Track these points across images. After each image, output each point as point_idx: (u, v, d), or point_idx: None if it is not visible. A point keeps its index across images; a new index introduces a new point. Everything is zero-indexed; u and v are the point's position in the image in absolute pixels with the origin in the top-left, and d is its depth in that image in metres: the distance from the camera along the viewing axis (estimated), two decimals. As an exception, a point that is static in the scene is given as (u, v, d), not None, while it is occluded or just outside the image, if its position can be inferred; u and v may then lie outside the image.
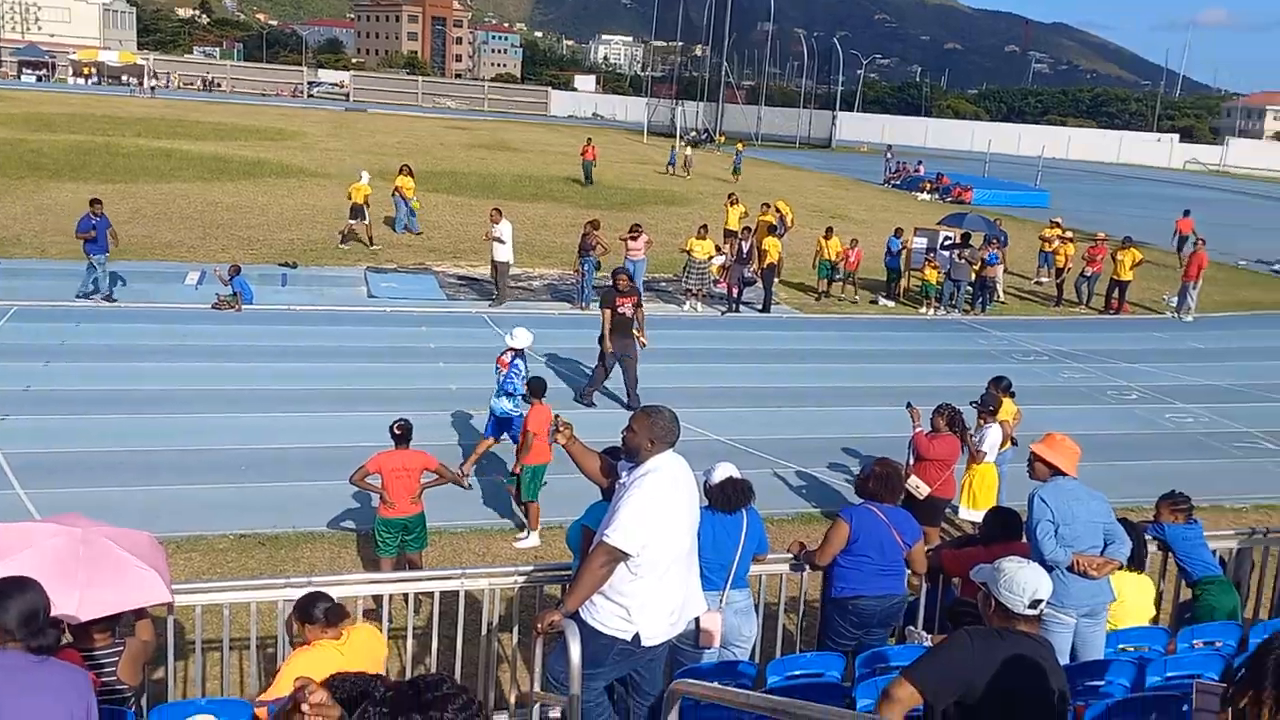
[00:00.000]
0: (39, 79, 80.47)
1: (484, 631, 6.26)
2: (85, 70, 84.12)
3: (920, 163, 53.95)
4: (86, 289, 17.07)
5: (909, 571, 6.35)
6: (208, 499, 10.06)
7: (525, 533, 9.75)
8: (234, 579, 7.60)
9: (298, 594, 5.53)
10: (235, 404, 12.75)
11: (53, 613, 3.86)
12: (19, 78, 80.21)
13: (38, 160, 32.19)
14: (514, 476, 9.61)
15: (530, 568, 6.43)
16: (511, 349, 11.03)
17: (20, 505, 9.49)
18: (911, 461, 9.47)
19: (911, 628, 6.49)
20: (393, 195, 25.29)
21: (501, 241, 18.76)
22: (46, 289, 17.34)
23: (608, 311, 13.56)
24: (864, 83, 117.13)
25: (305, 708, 2.35)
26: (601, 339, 13.68)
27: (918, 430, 9.59)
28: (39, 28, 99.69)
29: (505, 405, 10.86)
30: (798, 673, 5.33)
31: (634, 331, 13.81)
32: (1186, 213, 29.97)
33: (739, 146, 51.72)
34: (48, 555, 4.44)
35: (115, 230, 17.41)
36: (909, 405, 9.98)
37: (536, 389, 9.70)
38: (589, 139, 40.84)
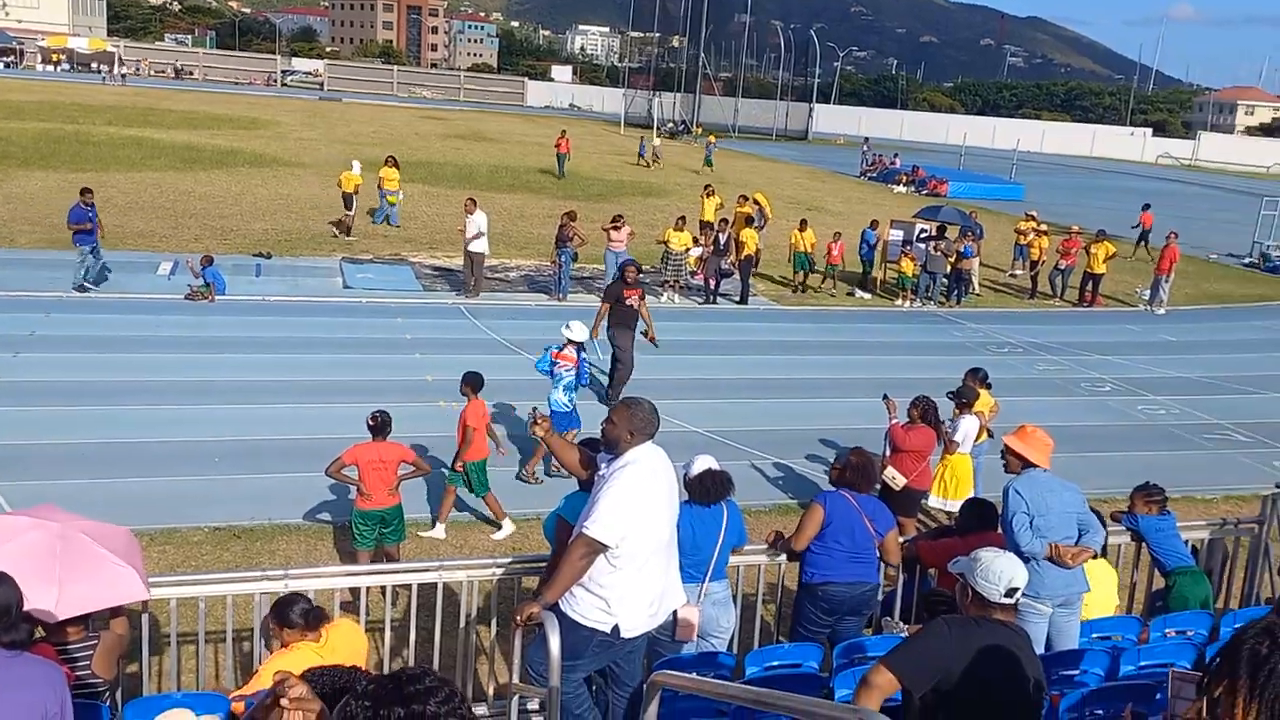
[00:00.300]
0: (7, 66, 79.37)
1: (462, 624, 6.25)
2: (54, 57, 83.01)
3: (896, 155, 54.19)
4: (92, 277, 17.05)
5: (882, 561, 6.38)
6: (181, 491, 9.97)
7: (498, 527, 9.69)
8: (209, 572, 7.53)
9: (274, 587, 5.51)
10: (209, 395, 12.64)
11: (31, 609, 3.82)
12: (-14, 64, 79.14)
13: (6, 149, 31.76)
14: (457, 474, 9.43)
15: (508, 559, 6.42)
16: (572, 342, 10.89)
17: (-10, 498, 9.37)
18: (888, 453, 9.51)
19: (888, 618, 6.53)
20: (378, 187, 25.09)
21: (482, 234, 18.70)
22: (15, 279, 17.10)
23: (608, 305, 13.24)
24: (840, 75, 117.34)
25: (285, 702, 2.34)
26: (622, 328, 13.25)
27: (894, 422, 9.64)
28: (6, 13, 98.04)
29: (560, 400, 10.75)
30: (776, 663, 5.35)
31: (640, 329, 13.48)
32: (1147, 207, 30.44)
33: (710, 139, 51.70)
34: (25, 551, 4.38)
35: (101, 221, 17.32)
36: (885, 397, 10.03)
37: (474, 383, 9.46)
38: (563, 131, 40.74)
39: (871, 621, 6.58)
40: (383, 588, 7.16)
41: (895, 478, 9.21)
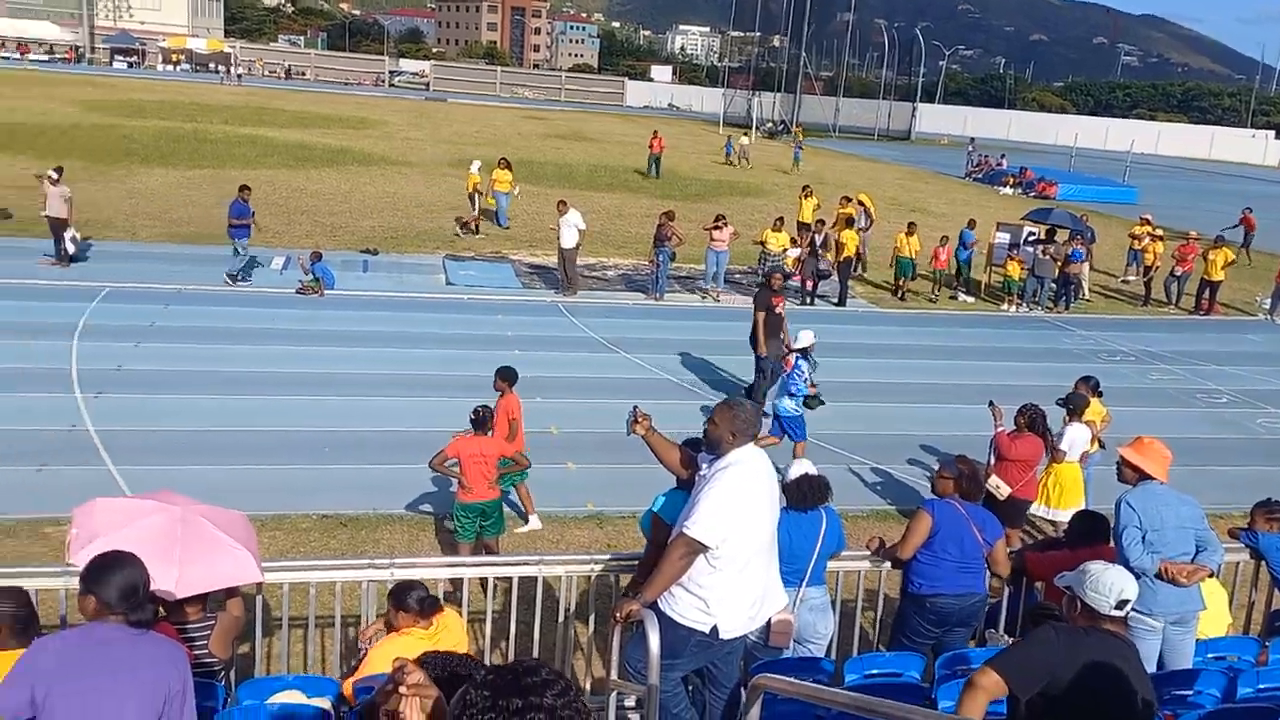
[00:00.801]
0: (130, 65, 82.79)
1: (560, 618, 6.31)
2: (174, 57, 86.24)
3: (1003, 156, 52.93)
4: (235, 271, 17.82)
5: (989, 572, 6.24)
6: (290, 479, 10.29)
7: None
8: (319, 558, 7.77)
9: (381, 575, 5.65)
10: (317, 387, 13.01)
11: (153, 589, 3.96)
12: (111, 64, 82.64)
13: (129, 146, 33.18)
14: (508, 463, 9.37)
15: (606, 556, 6.46)
16: (796, 350, 11.04)
17: (111, 481, 9.81)
18: (993, 461, 9.31)
19: (992, 630, 6.38)
20: (491, 187, 25.50)
21: (581, 228, 18.95)
22: (137, 271, 17.88)
23: (763, 314, 13.12)
24: (946, 74, 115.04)
25: (403, 689, 2.39)
26: (754, 341, 13.20)
27: (999, 430, 9.42)
28: (130, 15, 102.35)
29: (787, 405, 10.99)
30: (876, 672, 5.28)
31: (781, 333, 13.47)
32: (1248, 209, 29.48)
33: (799, 137, 51.10)
34: (148, 532, 4.57)
35: (257, 216, 18.41)
36: (991, 404, 9.81)
37: (509, 377, 9.45)
38: (655, 131, 40.85)
39: (975, 634, 6.44)
40: (483, 580, 7.29)
41: (1000, 487, 9.00)
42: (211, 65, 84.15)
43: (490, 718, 2.04)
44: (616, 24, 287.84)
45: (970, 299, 21.79)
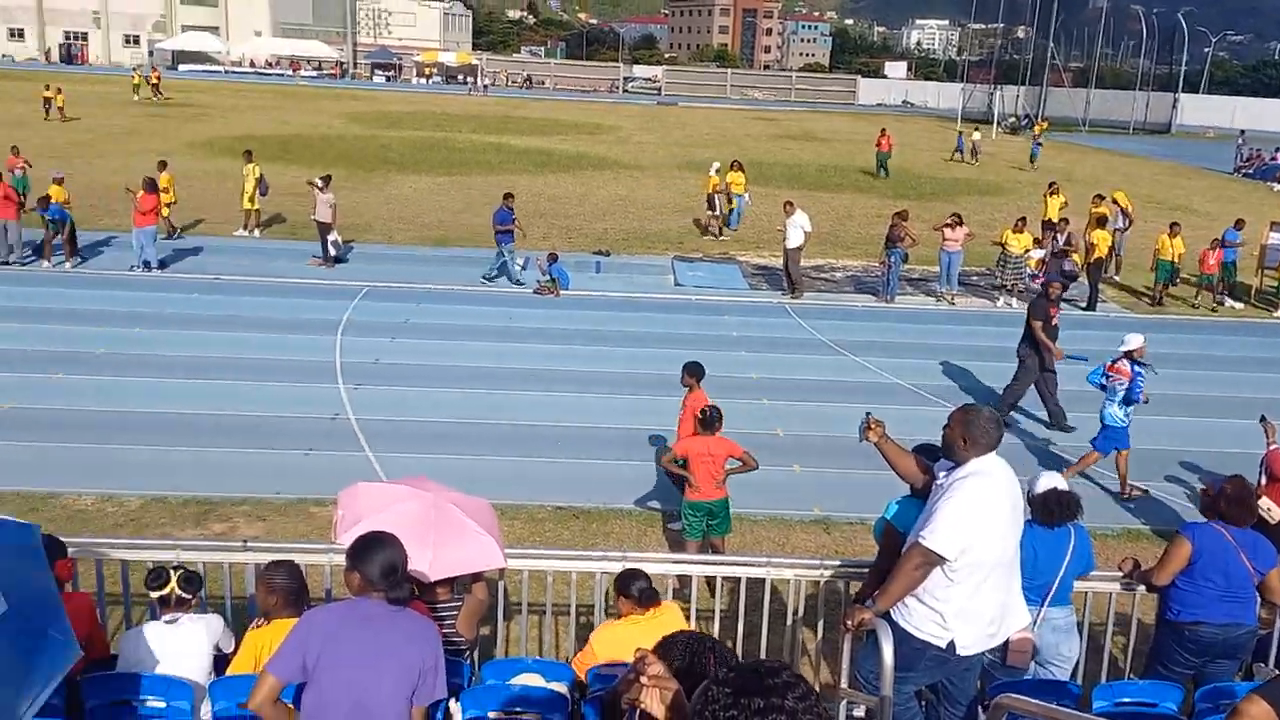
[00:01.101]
0: (387, 79, 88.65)
1: (788, 621, 6.28)
2: (427, 71, 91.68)
3: (1277, 150, 48.34)
4: (491, 273, 18.89)
5: (1268, 601, 5.73)
6: (527, 471, 10.72)
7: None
8: (555, 548, 8.07)
9: (613, 567, 5.81)
10: (553, 383, 13.50)
11: (409, 570, 4.24)
12: (371, 78, 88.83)
13: (386, 155, 35.55)
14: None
15: (836, 562, 6.38)
16: (1126, 353, 10.66)
17: (369, 466, 10.54)
18: (1264, 482, 8.53)
19: (1261, 664, 5.87)
20: (726, 190, 25.73)
21: (807, 230, 18.77)
22: (393, 271, 19.14)
23: (1039, 323, 12.70)
24: (1211, 62, 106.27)
25: (644, 679, 2.45)
26: (1038, 347, 12.69)
27: (1273, 448, 8.63)
28: (389, 32, 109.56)
29: (1116, 414, 10.50)
30: (1128, 700, 4.95)
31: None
32: None
33: (1039, 132, 48.32)
34: (405, 517, 4.89)
35: (520, 221, 19.23)
36: (1262, 419, 9.01)
37: (697, 373, 9.30)
38: (883, 129, 39.83)
39: (1242, 667, 5.94)
40: (710, 579, 7.35)
41: (1271, 510, 8.22)
42: (460, 77, 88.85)
43: (732, 715, 2.06)
44: (850, 21, 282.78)
45: (1238, 305, 20.05)
